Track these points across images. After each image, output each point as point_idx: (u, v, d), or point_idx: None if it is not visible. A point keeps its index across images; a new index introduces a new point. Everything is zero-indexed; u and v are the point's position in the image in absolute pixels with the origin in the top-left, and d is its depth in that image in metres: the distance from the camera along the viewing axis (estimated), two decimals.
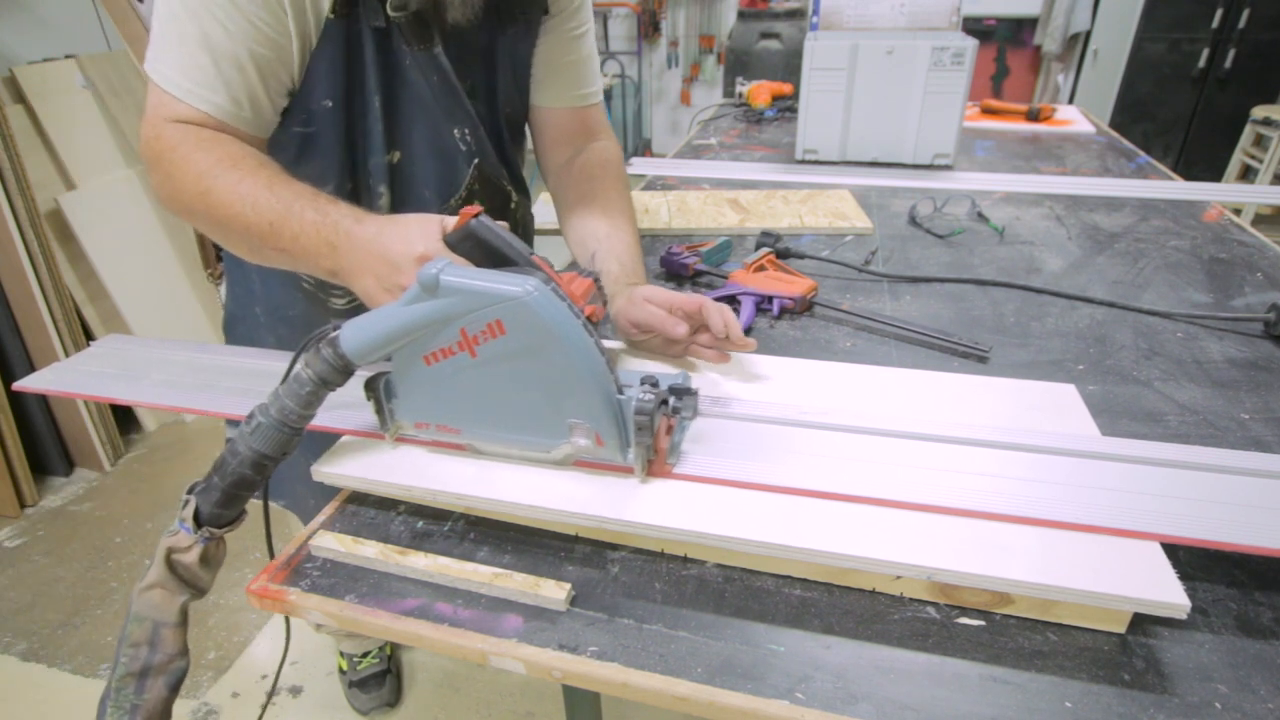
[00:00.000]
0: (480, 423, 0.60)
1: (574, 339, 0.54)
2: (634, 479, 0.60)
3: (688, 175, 1.56)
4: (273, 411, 0.55)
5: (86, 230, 2.19)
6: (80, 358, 0.81)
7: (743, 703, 0.46)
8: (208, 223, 0.70)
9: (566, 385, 0.56)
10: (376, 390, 0.62)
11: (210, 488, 0.55)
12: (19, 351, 2.05)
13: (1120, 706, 0.45)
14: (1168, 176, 1.54)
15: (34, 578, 1.81)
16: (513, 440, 0.61)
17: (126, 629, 0.54)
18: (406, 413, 0.62)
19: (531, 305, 0.52)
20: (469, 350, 0.56)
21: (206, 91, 0.69)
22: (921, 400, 0.70)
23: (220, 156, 0.68)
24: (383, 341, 0.56)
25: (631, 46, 5.04)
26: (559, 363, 0.55)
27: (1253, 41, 3.64)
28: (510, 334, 0.54)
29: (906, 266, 1.10)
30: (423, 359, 0.58)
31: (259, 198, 0.66)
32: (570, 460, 0.61)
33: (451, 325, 0.55)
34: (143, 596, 0.54)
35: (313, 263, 0.67)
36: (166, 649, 0.54)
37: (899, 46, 1.44)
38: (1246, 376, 0.80)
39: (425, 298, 0.54)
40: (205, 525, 0.55)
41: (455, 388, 0.59)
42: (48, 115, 2.17)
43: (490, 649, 0.51)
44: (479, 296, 0.53)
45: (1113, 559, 0.50)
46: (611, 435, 0.57)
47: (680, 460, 0.61)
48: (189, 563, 0.54)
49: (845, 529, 0.54)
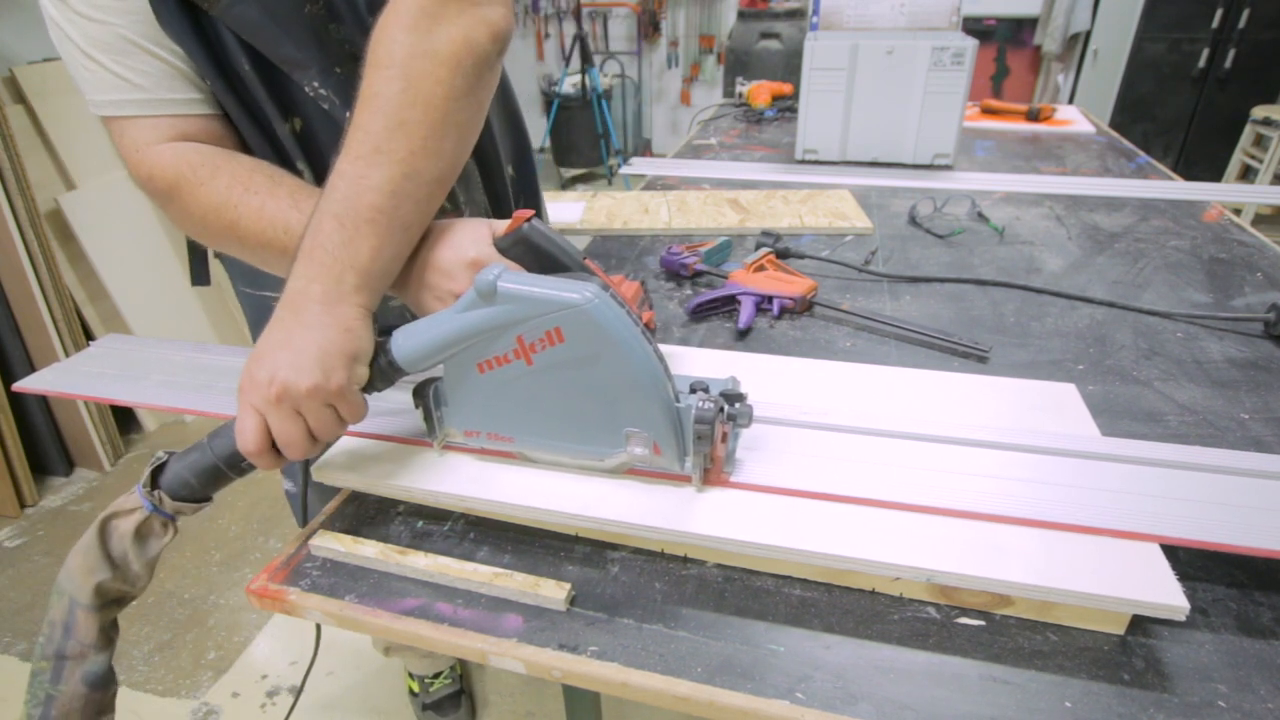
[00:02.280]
0: (534, 431, 0.59)
1: (634, 347, 0.53)
2: (690, 488, 0.58)
3: (688, 175, 1.56)
4: None
5: (86, 230, 2.19)
6: (80, 358, 0.81)
7: (743, 703, 0.46)
8: (240, 250, 0.67)
9: (625, 394, 0.55)
10: (426, 398, 0.60)
11: (196, 449, 0.52)
12: (19, 351, 2.05)
13: (1120, 706, 0.45)
14: (1168, 176, 1.54)
15: (34, 578, 1.81)
16: (567, 449, 0.59)
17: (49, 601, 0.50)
18: (457, 421, 0.61)
19: (593, 313, 0.51)
20: (525, 358, 0.55)
21: (130, 94, 0.64)
22: (921, 400, 0.70)
23: (229, 182, 0.64)
24: (436, 349, 0.55)
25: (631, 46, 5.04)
26: (618, 371, 0.53)
27: (1253, 41, 3.64)
28: (569, 342, 0.53)
29: (906, 266, 1.10)
30: (476, 366, 0.56)
31: (289, 219, 0.62)
32: (623, 469, 0.60)
33: (508, 333, 0.54)
34: (67, 564, 0.50)
35: None
36: (79, 636, 0.49)
37: (899, 46, 1.44)
38: (1246, 376, 0.80)
39: (481, 305, 0.53)
40: (163, 492, 0.52)
41: (509, 396, 0.57)
42: (48, 115, 2.17)
43: (490, 649, 0.51)
44: (538, 304, 0.52)
45: (1112, 560, 0.50)
46: (670, 444, 0.56)
47: (736, 469, 0.60)
48: (123, 531, 0.50)
49: (844, 530, 0.54)
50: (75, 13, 0.61)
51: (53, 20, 0.63)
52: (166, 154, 0.66)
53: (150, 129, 0.66)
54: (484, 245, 0.60)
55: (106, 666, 0.51)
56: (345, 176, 0.55)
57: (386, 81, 0.56)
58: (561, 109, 4.42)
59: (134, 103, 0.65)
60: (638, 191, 1.45)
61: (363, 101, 0.57)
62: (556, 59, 5.12)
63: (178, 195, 0.65)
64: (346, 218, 0.55)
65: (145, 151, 0.66)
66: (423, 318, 0.57)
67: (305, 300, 0.54)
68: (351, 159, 0.56)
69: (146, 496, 0.52)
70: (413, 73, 0.57)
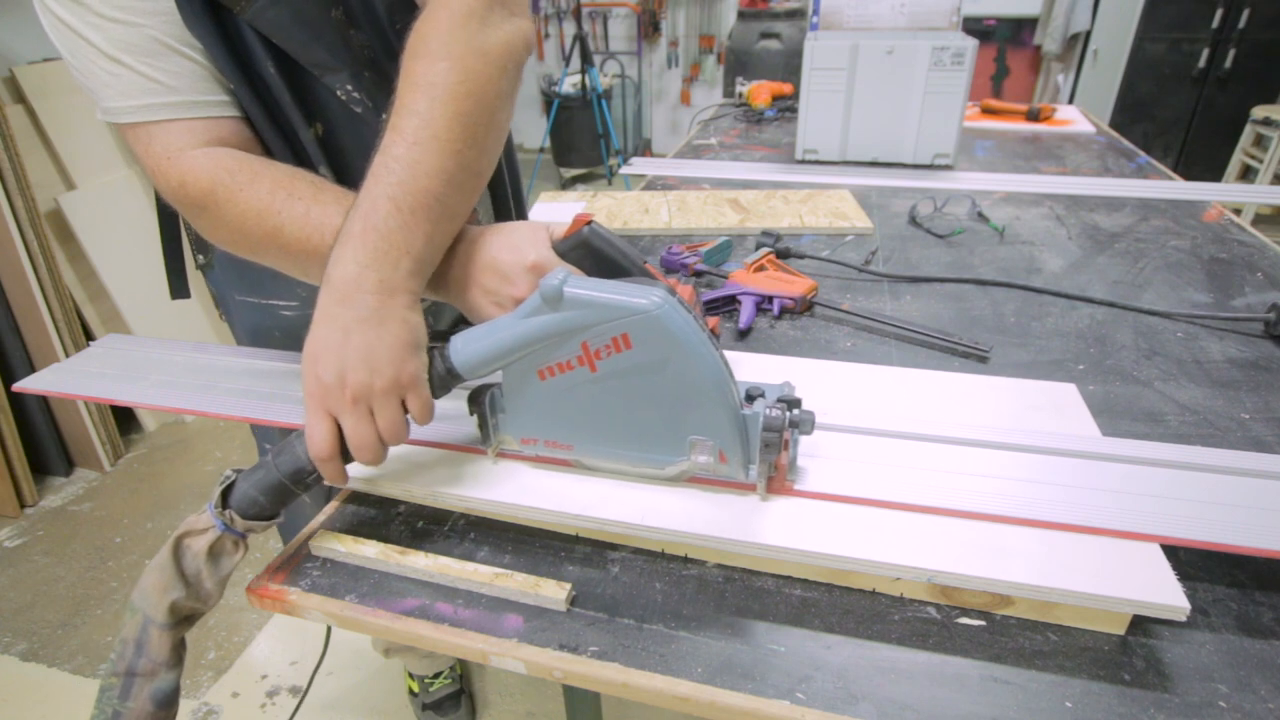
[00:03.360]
0: (595, 439, 0.58)
1: (702, 354, 0.52)
2: (752, 496, 0.57)
3: (688, 175, 1.56)
4: None
5: (86, 230, 2.19)
6: (80, 358, 0.81)
7: (743, 703, 0.46)
8: (281, 258, 0.64)
9: (692, 401, 0.54)
10: (482, 405, 0.59)
11: (261, 467, 0.52)
12: (19, 351, 2.05)
13: (1121, 706, 0.45)
14: (1168, 176, 1.54)
15: (34, 578, 1.81)
16: (627, 457, 0.58)
17: (122, 618, 0.50)
18: (514, 428, 0.60)
19: (662, 319, 0.50)
20: (589, 365, 0.54)
21: (163, 97, 0.62)
22: (921, 400, 0.70)
23: (271, 187, 0.62)
24: (496, 355, 0.54)
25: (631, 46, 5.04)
26: (686, 378, 0.53)
27: (1253, 41, 3.64)
28: (636, 348, 0.52)
29: (906, 266, 1.10)
30: (536, 373, 0.55)
31: (338, 225, 0.59)
32: (683, 477, 0.59)
33: (572, 339, 0.53)
34: (141, 582, 0.50)
35: None
36: (152, 654, 0.49)
37: (899, 46, 1.44)
38: (1246, 376, 0.80)
39: (545, 310, 0.52)
40: (234, 510, 0.52)
41: (570, 403, 0.56)
42: (48, 115, 2.17)
43: (490, 649, 0.51)
44: (606, 309, 0.51)
45: (1112, 560, 0.50)
46: (736, 452, 0.55)
47: (799, 476, 0.59)
48: (196, 550, 0.51)
49: (844, 530, 0.54)
50: (98, 15, 0.59)
51: (65, 26, 0.59)
52: (201, 159, 0.63)
53: (183, 133, 0.63)
54: (543, 248, 0.58)
55: (175, 685, 0.51)
56: (401, 161, 0.55)
57: (444, 73, 0.56)
58: (561, 109, 4.42)
59: (166, 105, 0.63)
60: (638, 191, 1.45)
61: (416, 89, 0.57)
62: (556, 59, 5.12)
63: (213, 202, 0.62)
64: (404, 201, 0.54)
65: (178, 158, 0.63)
66: (482, 323, 0.56)
67: (358, 291, 0.52)
68: (408, 143, 0.55)
69: (218, 516, 0.51)
70: (469, 67, 0.57)
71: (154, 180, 0.64)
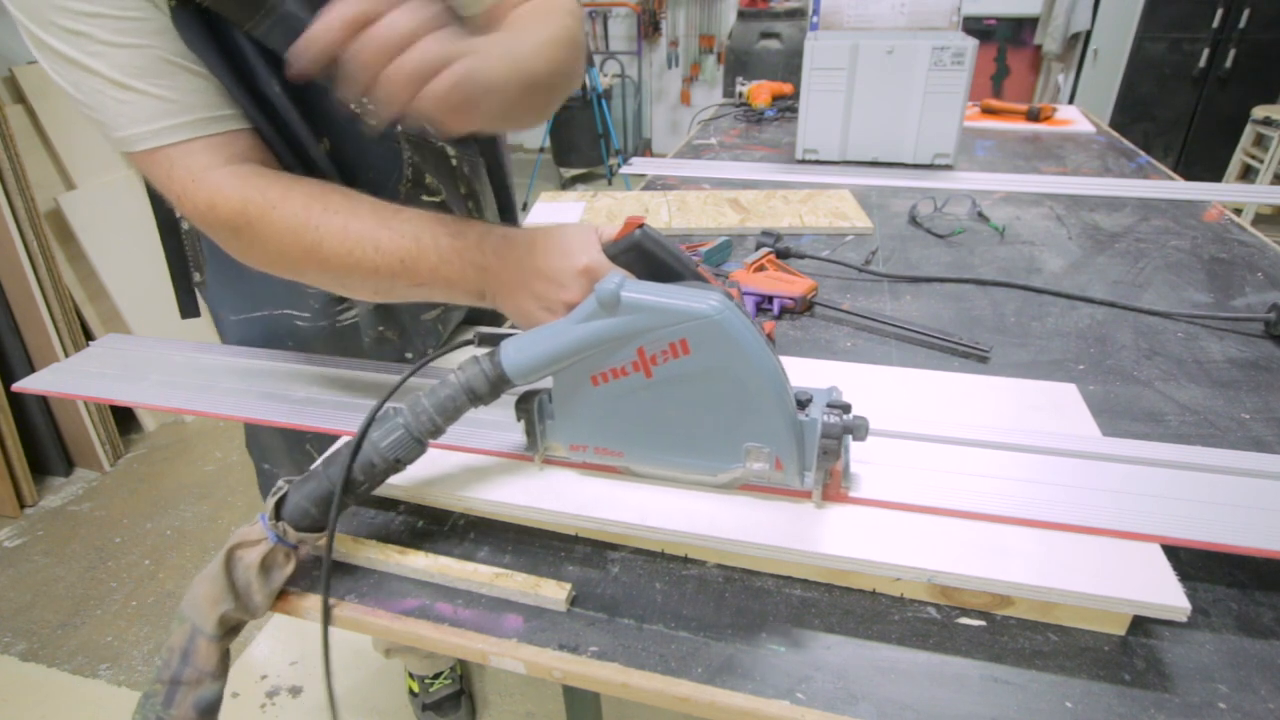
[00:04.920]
0: (647, 446, 0.57)
1: (762, 359, 0.51)
2: (807, 504, 0.56)
3: (688, 175, 1.56)
4: (406, 413, 0.52)
5: (86, 230, 2.19)
6: (80, 358, 0.81)
7: (743, 703, 0.46)
8: (322, 276, 0.64)
9: (749, 407, 0.53)
10: (530, 410, 0.58)
11: (312, 477, 0.51)
12: (19, 351, 2.05)
13: (1121, 707, 0.45)
14: (1168, 176, 1.54)
15: (34, 578, 1.81)
16: (680, 464, 0.57)
17: (170, 627, 0.50)
18: (563, 435, 0.59)
19: (723, 324, 0.50)
20: (644, 370, 0.53)
21: (179, 117, 0.61)
22: (922, 400, 0.70)
23: (305, 202, 0.61)
24: (549, 361, 0.53)
25: (631, 46, 5.04)
26: (744, 384, 0.52)
27: (1253, 41, 3.64)
28: (695, 354, 0.51)
29: (907, 266, 1.10)
30: (589, 379, 0.54)
31: (379, 237, 0.60)
32: (735, 484, 0.58)
33: (629, 345, 0.52)
34: (192, 590, 0.50)
35: (457, 290, 0.62)
36: (198, 663, 0.49)
37: (899, 46, 1.44)
38: (1247, 376, 0.80)
39: (601, 315, 0.51)
40: (286, 522, 0.51)
41: (623, 410, 0.55)
42: (48, 115, 2.17)
43: (490, 649, 0.51)
44: (664, 314, 0.50)
45: (1113, 561, 0.50)
46: (793, 459, 0.54)
47: (854, 483, 0.58)
48: (248, 562, 0.50)
49: (844, 530, 0.54)
50: (101, 44, 0.57)
51: (65, 60, 0.58)
52: (228, 178, 0.62)
53: (204, 151, 0.62)
54: (595, 252, 0.58)
55: (219, 695, 0.51)
56: None
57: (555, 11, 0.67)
58: (561, 108, 4.41)
59: (184, 125, 0.61)
60: (638, 191, 1.45)
61: None
62: None
63: (245, 222, 0.61)
64: None
65: (203, 178, 0.61)
66: (534, 328, 0.55)
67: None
68: None
69: (271, 528, 0.51)
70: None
71: (180, 207, 0.63)
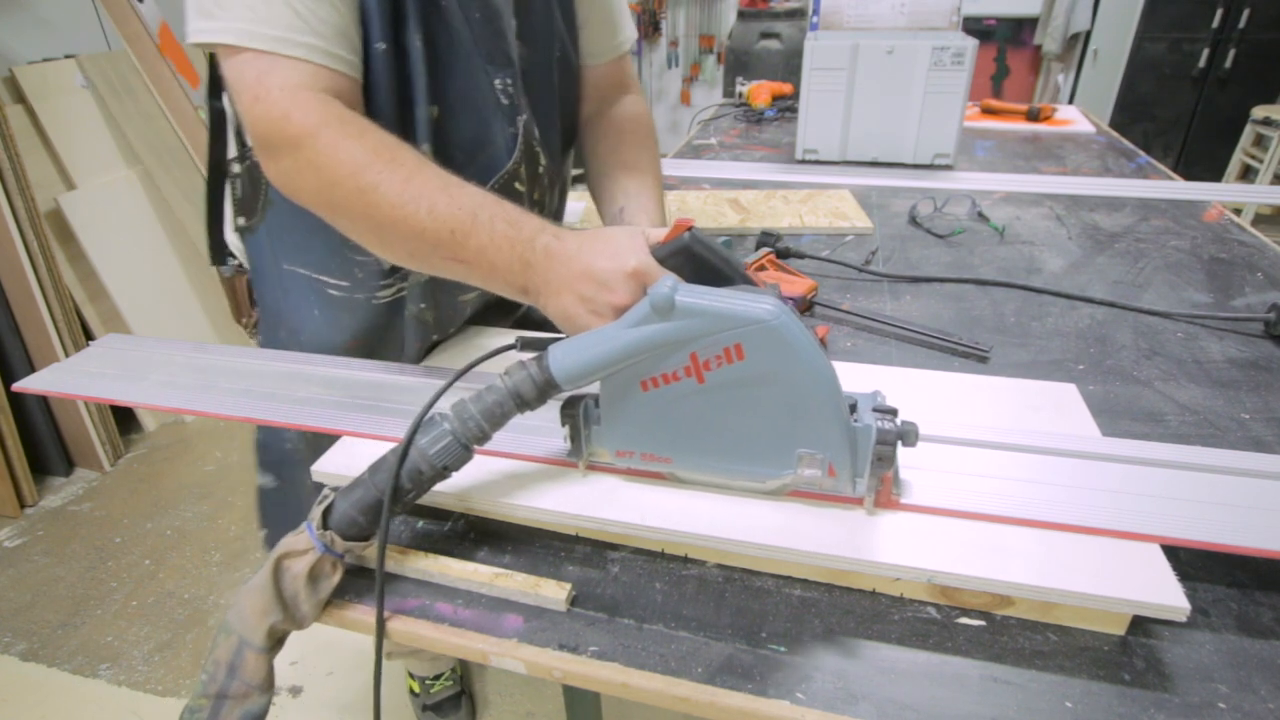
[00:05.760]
0: (696, 452, 0.56)
1: (818, 365, 0.50)
2: (858, 511, 0.55)
3: (688, 175, 1.56)
4: (452, 419, 0.52)
5: (86, 230, 2.19)
6: (80, 358, 0.81)
7: (743, 703, 0.46)
8: (364, 223, 0.62)
9: (803, 413, 0.52)
10: (575, 416, 0.57)
11: (359, 485, 0.51)
12: (19, 351, 2.05)
13: (1121, 706, 0.45)
14: (1168, 176, 1.54)
15: (34, 578, 1.81)
16: (729, 470, 0.56)
17: (215, 639, 0.49)
18: (609, 440, 0.58)
19: (780, 329, 0.49)
20: (696, 376, 0.52)
21: (305, 36, 0.60)
22: (921, 400, 0.70)
23: (375, 146, 0.61)
24: (599, 366, 0.53)
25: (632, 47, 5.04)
26: (799, 390, 0.51)
27: (1253, 41, 3.64)
28: (750, 359, 0.50)
29: (906, 266, 1.10)
30: (639, 384, 0.54)
31: (436, 201, 0.59)
32: (784, 490, 0.57)
33: (682, 350, 0.51)
34: (239, 601, 0.49)
35: (497, 278, 0.61)
36: (245, 676, 0.48)
37: (899, 46, 1.44)
38: (1246, 376, 0.80)
39: (654, 320, 0.50)
40: (333, 531, 0.50)
41: (673, 415, 0.54)
42: (48, 115, 2.17)
43: (490, 649, 0.51)
44: (720, 319, 0.50)
45: (1112, 561, 0.50)
46: (846, 466, 0.53)
47: (903, 490, 0.57)
48: (295, 573, 0.49)
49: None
50: None
51: None
52: (314, 100, 0.61)
53: (307, 74, 0.61)
54: (644, 254, 0.56)
55: (265, 708, 0.50)
56: None
57: None
58: None
59: (304, 45, 0.61)
60: None
61: None
62: None
63: (311, 143, 0.60)
64: None
65: (292, 92, 0.60)
66: (583, 333, 0.55)
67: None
68: None
69: (319, 538, 0.50)
70: None
71: (251, 108, 0.61)
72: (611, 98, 0.96)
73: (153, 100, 2.43)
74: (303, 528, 0.51)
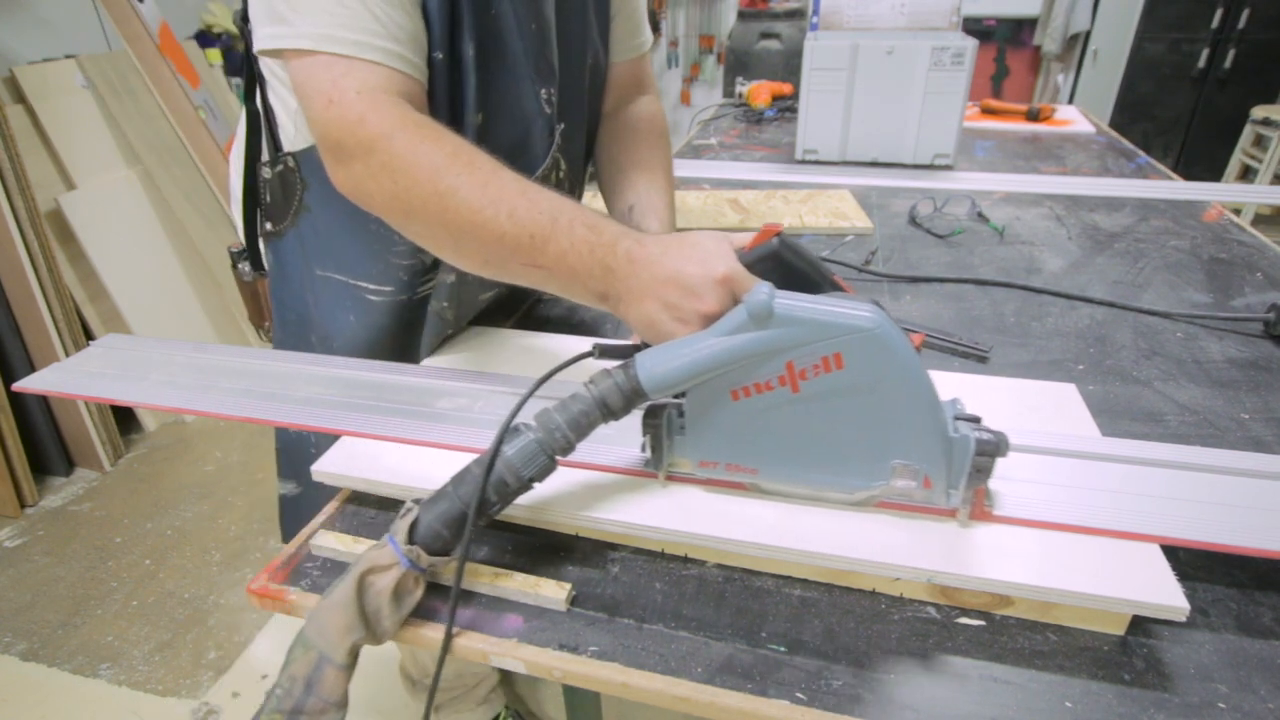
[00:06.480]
0: (784, 463, 0.55)
1: (919, 375, 0.49)
2: (950, 523, 0.54)
3: (688, 175, 1.56)
4: (537, 429, 0.51)
5: (86, 230, 2.19)
6: (80, 358, 0.81)
7: (743, 703, 0.46)
8: (439, 229, 0.61)
9: (901, 424, 0.51)
10: (658, 425, 0.56)
11: (443, 498, 0.50)
12: (19, 351, 2.05)
13: (1120, 706, 0.45)
14: (1168, 176, 1.54)
15: (34, 578, 1.81)
16: (817, 481, 0.55)
17: (291, 653, 0.47)
18: (693, 450, 0.56)
19: (883, 338, 0.48)
20: (791, 385, 0.51)
21: (383, 40, 0.60)
22: None
23: (452, 149, 0.59)
24: (691, 374, 0.51)
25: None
26: (898, 400, 0.50)
27: (1253, 41, 3.64)
28: (849, 368, 0.49)
29: (906, 266, 1.10)
30: (729, 394, 0.52)
31: (515, 205, 0.57)
32: (872, 501, 0.55)
33: (777, 358, 0.50)
34: (319, 617, 0.47)
35: (576, 284, 0.59)
36: (324, 693, 0.47)
37: (899, 46, 1.44)
38: (1246, 376, 0.80)
39: (751, 327, 0.49)
40: (420, 545, 0.49)
41: (763, 426, 0.53)
42: (48, 115, 2.17)
43: (490, 649, 0.51)
44: (821, 328, 0.48)
45: (1112, 561, 0.50)
46: (942, 477, 0.52)
47: (995, 501, 0.55)
48: (380, 589, 0.48)
49: (844, 530, 0.54)
50: None
51: None
52: (391, 103, 0.61)
53: (383, 77, 0.61)
54: (733, 260, 0.55)
55: None
56: None
57: None
58: None
59: (382, 50, 0.61)
60: None
61: None
62: None
63: (387, 145, 0.59)
64: None
65: (368, 95, 0.60)
66: (672, 340, 0.53)
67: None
68: None
69: (405, 553, 0.49)
70: None
71: (325, 111, 0.61)
72: (628, 97, 0.96)
73: (153, 100, 2.44)
74: (385, 541, 0.49)
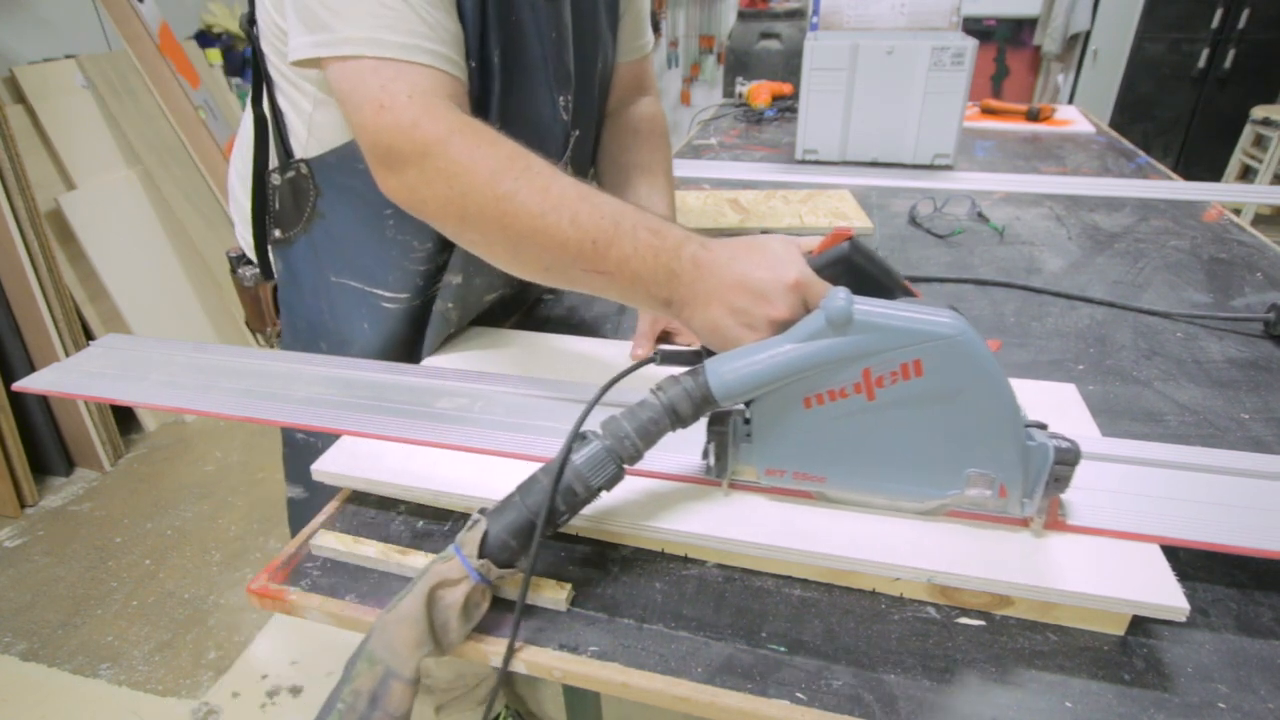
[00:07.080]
0: (854, 472, 0.53)
1: (1001, 383, 0.48)
2: (1024, 533, 0.53)
3: (688, 175, 1.56)
4: (604, 436, 0.50)
5: (86, 230, 2.19)
6: (80, 357, 0.81)
7: (743, 703, 0.46)
8: (498, 235, 0.59)
9: (979, 432, 0.50)
10: (724, 433, 0.54)
11: (510, 508, 0.49)
12: (19, 351, 2.05)
13: (1120, 706, 0.45)
14: (1168, 176, 1.54)
15: (34, 578, 1.81)
16: (886, 490, 0.54)
17: (354, 666, 0.46)
18: (760, 458, 0.55)
19: (966, 345, 0.47)
20: (867, 393, 0.50)
21: (432, 43, 0.59)
22: None
23: (510, 153, 0.58)
24: (764, 381, 0.50)
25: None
26: (978, 408, 0.49)
27: (1253, 41, 3.64)
28: (928, 376, 0.48)
29: (906, 266, 1.10)
30: (802, 401, 0.51)
31: (577, 209, 0.56)
32: (943, 511, 0.54)
33: (853, 365, 0.49)
34: (386, 631, 0.46)
35: (639, 289, 0.57)
36: (390, 708, 0.46)
37: (899, 46, 1.44)
38: (1246, 376, 0.80)
39: (828, 334, 0.48)
40: (489, 558, 0.48)
41: (836, 433, 0.52)
42: (48, 115, 2.17)
43: (491, 649, 0.51)
44: (901, 334, 0.48)
45: (1112, 561, 0.50)
46: (1018, 486, 0.51)
47: (1068, 510, 0.54)
48: (449, 603, 0.47)
49: (844, 530, 0.54)
50: None
51: None
52: (445, 107, 0.60)
53: (435, 80, 0.60)
54: (803, 266, 0.54)
55: None
56: None
57: None
58: None
59: (432, 52, 0.60)
60: None
61: None
62: None
63: (443, 151, 0.57)
64: None
65: (422, 99, 0.59)
66: (744, 346, 0.52)
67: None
68: None
69: (475, 567, 0.48)
70: None
71: (376, 117, 0.59)
72: (630, 98, 0.96)
73: (153, 100, 2.44)
74: (451, 553, 0.48)
